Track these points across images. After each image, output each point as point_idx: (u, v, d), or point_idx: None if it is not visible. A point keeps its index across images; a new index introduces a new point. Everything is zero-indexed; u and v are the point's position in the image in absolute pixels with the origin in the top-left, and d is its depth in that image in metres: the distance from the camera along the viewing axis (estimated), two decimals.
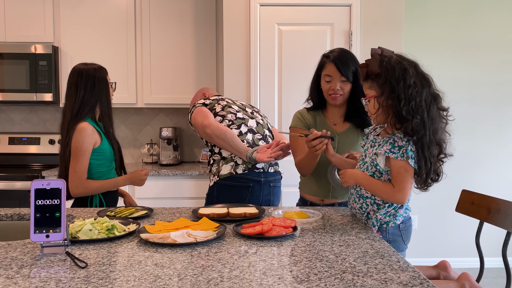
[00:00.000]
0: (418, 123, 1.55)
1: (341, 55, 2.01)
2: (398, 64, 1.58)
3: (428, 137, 1.56)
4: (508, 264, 1.83)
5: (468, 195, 2.11)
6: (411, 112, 1.55)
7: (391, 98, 1.58)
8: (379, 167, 1.66)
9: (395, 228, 1.72)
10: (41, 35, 3.55)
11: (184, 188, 3.37)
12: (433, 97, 1.59)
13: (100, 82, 2.13)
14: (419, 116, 1.55)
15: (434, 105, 1.59)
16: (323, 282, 1.14)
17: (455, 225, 3.91)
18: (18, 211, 1.96)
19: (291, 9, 3.21)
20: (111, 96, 2.20)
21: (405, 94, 1.55)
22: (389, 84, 1.58)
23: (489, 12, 3.84)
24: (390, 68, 1.58)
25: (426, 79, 1.60)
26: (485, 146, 3.92)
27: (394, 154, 1.60)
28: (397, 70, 1.57)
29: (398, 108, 1.56)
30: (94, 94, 2.12)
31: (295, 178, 3.15)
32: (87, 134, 2.06)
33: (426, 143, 1.57)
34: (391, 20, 3.23)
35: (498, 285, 3.44)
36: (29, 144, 3.76)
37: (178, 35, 3.63)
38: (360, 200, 1.75)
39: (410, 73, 1.56)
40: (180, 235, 1.46)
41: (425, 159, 1.58)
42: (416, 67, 1.60)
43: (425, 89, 1.58)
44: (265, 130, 2.38)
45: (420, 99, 1.56)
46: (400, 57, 1.61)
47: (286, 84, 3.23)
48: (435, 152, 1.59)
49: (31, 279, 1.16)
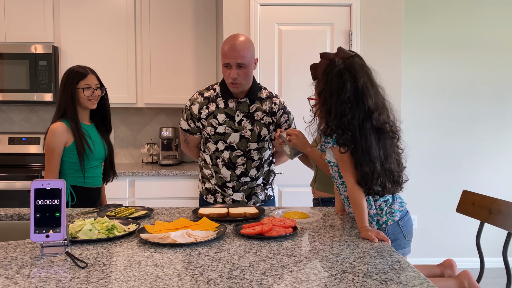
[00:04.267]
0: (348, 139, 1.54)
1: None
2: (338, 77, 1.56)
3: (360, 154, 1.55)
4: (508, 264, 1.83)
5: (468, 196, 2.11)
6: (341, 127, 1.55)
7: (323, 109, 1.58)
8: (331, 162, 1.69)
9: (395, 226, 1.71)
10: (41, 35, 3.55)
11: (184, 188, 3.37)
12: (367, 114, 1.56)
13: (67, 86, 2.18)
14: (350, 133, 1.54)
15: (367, 122, 1.56)
16: (323, 282, 1.13)
17: (456, 226, 3.91)
18: (18, 211, 1.96)
19: (291, 9, 3.21)
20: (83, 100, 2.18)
21: (337, 109, 1.55)
22: (323, 96, 1.58)
23: (489, 12, 3.84)
24: (329, 80, 1.57)
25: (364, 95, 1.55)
26: (486, 146, 3.92)
27: (329, 143, 1.62)
28: (335, 82, 1.56)
29: (328, 121, 1.57)
30: (63, 98, 2.19)
31: (295, 178, 3.17)
32: (54, 134, 2.14)
33: (358, 160, 1.56)
34: (391, 20, 3.22)
35: (498, 285, 3.45)
36: (29, 144, 3.76)
37: (178, 35, 3.63)
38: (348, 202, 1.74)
39: (347, 88, 1.54)
40: (180, 235, 1.46)
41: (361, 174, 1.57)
42: (356, 81, 1.55)
43: (359, 106, 1.55)
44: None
45: (352, 115, 1.54)
46: (346, 68, 1.57)
47: (286, 84, 3.23)
48: (369, 169, 1.56)
49: (31, 279, 1.16)
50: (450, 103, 3.86)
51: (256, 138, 2.16)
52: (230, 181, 2.19)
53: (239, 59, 2.02)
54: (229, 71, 2.04)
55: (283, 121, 2.20)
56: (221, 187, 2.21)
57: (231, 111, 2.15)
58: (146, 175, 3.36)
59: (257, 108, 2.16)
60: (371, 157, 1.56)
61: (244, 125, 2.15)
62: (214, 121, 2.15)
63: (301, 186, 3.00)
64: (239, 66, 2.03)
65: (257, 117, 2.15)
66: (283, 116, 2.19)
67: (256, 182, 2.22)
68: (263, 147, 2.20)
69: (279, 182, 3.21)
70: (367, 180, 1.58)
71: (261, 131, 2.16)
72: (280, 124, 2.20)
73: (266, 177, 2.26)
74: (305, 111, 3.16)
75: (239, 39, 2.06)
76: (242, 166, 2.17)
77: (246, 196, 2.22)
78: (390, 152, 1.61)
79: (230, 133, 2.15)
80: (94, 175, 2.25)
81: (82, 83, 2.17)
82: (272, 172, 2.31)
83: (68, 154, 2.16)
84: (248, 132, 2.15)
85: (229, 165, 2.17)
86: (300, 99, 3.22)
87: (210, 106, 2.17)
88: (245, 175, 2.18)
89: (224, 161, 2.17)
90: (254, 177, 2.20)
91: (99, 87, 2.23)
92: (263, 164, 2.23)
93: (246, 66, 2.05)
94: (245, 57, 2.03)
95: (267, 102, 2.17)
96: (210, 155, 2.20)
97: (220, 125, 2.15)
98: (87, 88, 2.17)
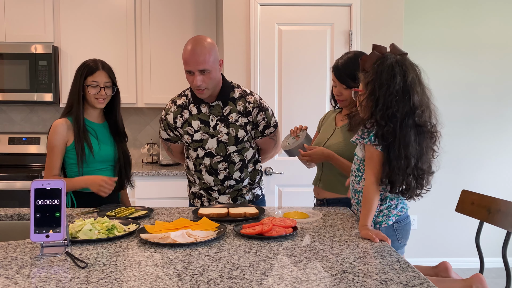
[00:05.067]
0: (389, 131, 1.55)
1: (343, 62, 2.03)
2: (389, 69, 1.57)
3: (397, 148, 1.56)
4: (508, 264, 1.83)
5: (468, 195, 2.11)
6: (385, 118, 1.56)
7: (370, 99, 1.59)
8: (357, 156, 1.71)
9: (388, 228, 1.72)
10: (41, 35, 3.55)
11: (184, 188, 3.35)
12: (411, 110, 1.57)
13: (76, 81, 2.08)
14: (392, 125, 1.55)
15: (410, 118, 1.57)
16: (323, 282, 1.14)
17: (455, 225, 3.91)
18: (18, 211, 1.96)
19: (291, 9, 3.21)
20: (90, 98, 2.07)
21: (385, 100, 1.56)
22: (371, 86, 1.59)
23: (489, 12, 3.84)
24: (379, 71, 1.58)
25: (412, 90, 1.58)
26: (485, 146, 3.92)
27: (364, 140, 1.62)
28: (386, 74, 1.57)
29: (373, 111, 1.58)
30: (71, 92, 2.09)
31: (295, 178, 3.17)
32: (56, 131, 2.05)
33: (394, 153, 1.56)
34: (391, 20, 3.23)
35: (498, 285, 3.44)
36: (29, 144, 3.76)
37: (178, 35, 3.63)
38: (356, 195, 1.76)
39: (397, 81, 1.56)
40: (180, 235, 1.46)
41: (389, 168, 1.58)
42: (405, 76, 1.57)
43: (405, 100, 1.57)
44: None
45: (397, 108, 1.55)
46: (398, 62, 1.59)
47: (286, 84, 3.23)
48: (402, 164, 1.57)
49: (31, 279, 1.16)
50: (450, 103, 3.85)
51: (233, 141, 2.10)
52: (215, 185, 2.16)
53: (200, 65, 1.94)
54: (192, 77, 1.98)
55: (260, 119, 2.12)
56: (206, 190, 2.18)
57: (204, 117, 2.10)
58: (146, 175, 3.36)
59: (231, 110, 2.09)
60: (407, 152, 1.56)
61: (220, 129, 2.09)
62: (189, 128, 2.11)
63: (301, 186, 3.00)
64: (201, 72, 1.96)
65: (231, 119, 2.09)
66: (259, 114, 2.12)
67: (242, 184, 2.18)
68: (243, 147, 2.14)
69: (279, 182, 3.21)
70: (397, 176, 1.57)
71: (237, 133, 2.10)
72: (257, 122, 2.12)
73: (252, 177, 2.21)
74: (305, 110, 3.18)
75: (199, 44, 1.96)
76: (224, 171, 2.13)
77: (232, 198, 2.18)
78: (425, 152, 1.62)
79: (207, 139, 2.10)
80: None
81: (89, 79, 2.05)
82: (258, 171, 2.26)
83: (69, 154, 2.08)
84: (225, 136, 2.09)
85: (211, 171, 2.13)
86: (300, 99, 3.23)
87: (184, 114, 2.12)
88: (228, 179, 2.15)
89: (206, 167, 2.13)
90: (239, 179, 2.16)
91: (110, 85, 2.10)
92: (247, 165, 2.18)
93: (209, 71, 1.97)
94: (206, 62, 1.95)
95: (240, 102, 2.10)
96: (193, 161, 2.17)
97: (196, 132, 2.10)
98: (94, 85, 2.05)
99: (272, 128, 2.17)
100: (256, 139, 2.19)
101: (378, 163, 1.60)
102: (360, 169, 1.71)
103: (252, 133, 2.15)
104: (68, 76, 3.56)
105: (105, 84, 2.08)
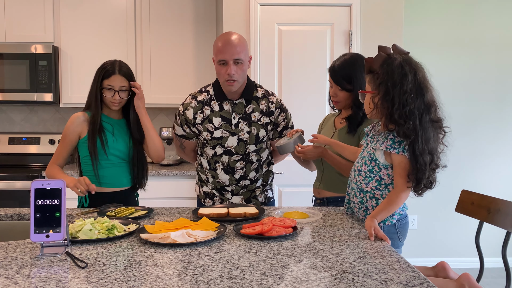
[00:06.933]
0: (410, 128, 1.57)
1: (339, 64, 2.03)
2: (399, 68, 1.59)
3: (421, 144, 1.57)
4: (508, 264, 1.83)
5: (468, 195, 2.11)
6: (403, 117, 1.57)
7: (385, 100, 1.60)
8: (379, 162, 1.68)
9: (390, 226, 1.73)
10: (41, 35, 3.55)
11: (184, 188, 3.37)
12: (426, 107, 1.60)
13: (94, 83, 2.10)
14: (412, 122, 1.57)
15: (426, 114, 1.60)
16: (323, 282, 1.14)
17: (455, 225, 3.91)
18: (18, 211, 1.96)
19: (291, 9, 3.21)
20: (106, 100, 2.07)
21: (400, 99, 1.57)
22: (384, 86, 1.60)
23: (489, 12, 3.84)
24: (390, 71, 1.60)
25: (424, 88, 1.61)
26: (485, 146, 3.92)
27: (395, 150, 1.62)
28: (396, 74, 1.59)
29: (391, 111, 1.59)
30: (90, 92, 2.11)
31: (295, 178, 3.16)
32: (72, 122, 2.08)
33: (418, 150, 1.58)
34: (391, 20, 3.23)
35: (498, 285, 3.44)
36: (29, 144, 3.76)
37: (178, 35, 3.63)
38: (360, 194, 1.76)
39: (409, 79, 1.58)
40: (180, 235, 1.46)
41: (417, 165, 1.59)
42: (416, 74, 1.60)
43: (419, 98, 1.59)
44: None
45: (414, 106, 1.57)
46: (405, 61, 1.61)
47: (286, 84, 3.23)
48: (427, 159, 1.59)
49: (31, 279, 1.16)
50: (450, 103, 3.80)
51: (254, 140, 2.10)
52: (229, 185, 2.15)
53: (236, 54, 1.96)
54: (225, 68, 1.98)
55: (281, 120, 2.16)
56: (220, 190, 2.17)
57: (227, 114, 2.09)
58: None
59: (254, 109, 2.10)
60: (429, 148, 1.59)
61: (241, 128, 2.08)
62: (210, 125, 2.10)
63: (301, 186, 3.00)
64: (236, 62, 1.98)
65: (254, 118, 2.10)
66: (280, 115, 2.15)
67: (256, 184, 2.18)
68: (261, 148, 2.15)
69: (279, 182, 3.21)
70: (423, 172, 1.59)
71: (259, 133, 2.10)
72: (278, 123, 2.15)
73: (265, 178, 2.23)
74: (305, 110, 3.17)
75: (233, 35, 2.00)
76: (241, 170, 2.13)
77: (246, 199, 2.18)
78: (439, 147, 1.65)
79: (228, 137, 2.09)
80: (112, 174, 2.11)
81: (105, 82, 2.05)
82: (271, 173, 2.27)
83: (82, 148, 2.10)
84: (246, 134, 2.09)
85: (228, 170, 2.13)
86: (300, 99, 3.23)
87: (204, 110, 2.10)
88: (244, 178, 2.14)
89: (224, 165, 2.12)
90: (253, 179, 2.17)
91: (125, 89, 2.07)
92: (262, 165, 2.19)
93: (242, 62, 1.99)
94: (241, 52, 1.98)
95: (263, 101, 2.11)
96: (208, 159, 2.15)
97: (216, 129, 2.09)
98: (109, 89, 2.05)
99: (290, 129, 2.20)
100: (272, 140, 2.20)
101: (410, 171, 1.62)
102: (373, 171, 1.70)
103: (270, 134, 2.17)
104: (68, 76, 3.56)
105: (120, 88, 2.06)
